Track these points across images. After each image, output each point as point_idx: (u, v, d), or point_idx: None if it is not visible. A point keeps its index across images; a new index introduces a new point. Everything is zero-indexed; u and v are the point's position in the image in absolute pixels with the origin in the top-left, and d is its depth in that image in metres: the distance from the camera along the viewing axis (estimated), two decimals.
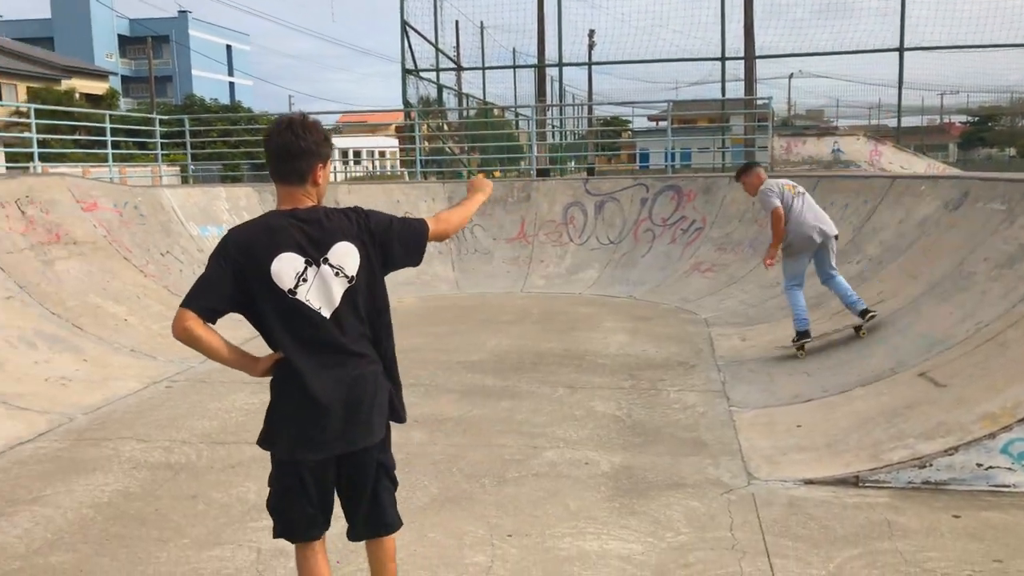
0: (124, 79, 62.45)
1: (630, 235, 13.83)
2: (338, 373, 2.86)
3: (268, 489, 3.02)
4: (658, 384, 7.35)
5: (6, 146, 22.40)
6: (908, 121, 31.24)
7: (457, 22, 24.50)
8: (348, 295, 2.87)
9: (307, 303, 2.82)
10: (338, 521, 3.07)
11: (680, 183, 14.26)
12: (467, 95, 23.91)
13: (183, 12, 66.17)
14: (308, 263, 2.82)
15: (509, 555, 4.16)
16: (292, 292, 2.81)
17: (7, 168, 17.58)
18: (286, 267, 2.80)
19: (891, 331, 7.13)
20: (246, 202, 13.78)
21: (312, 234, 2.84)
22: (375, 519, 3.06)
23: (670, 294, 11.97)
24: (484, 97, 23.96)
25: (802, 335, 7.67)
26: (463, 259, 14.20)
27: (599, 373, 7.78)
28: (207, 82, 64.29)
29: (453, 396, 7.10)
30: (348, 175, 31.86)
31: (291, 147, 2.84)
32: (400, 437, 6.00)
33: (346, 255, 2.87)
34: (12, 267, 8.66)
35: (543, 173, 18.09)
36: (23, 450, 5.93)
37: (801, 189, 8.00)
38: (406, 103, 19.37)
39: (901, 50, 18.57)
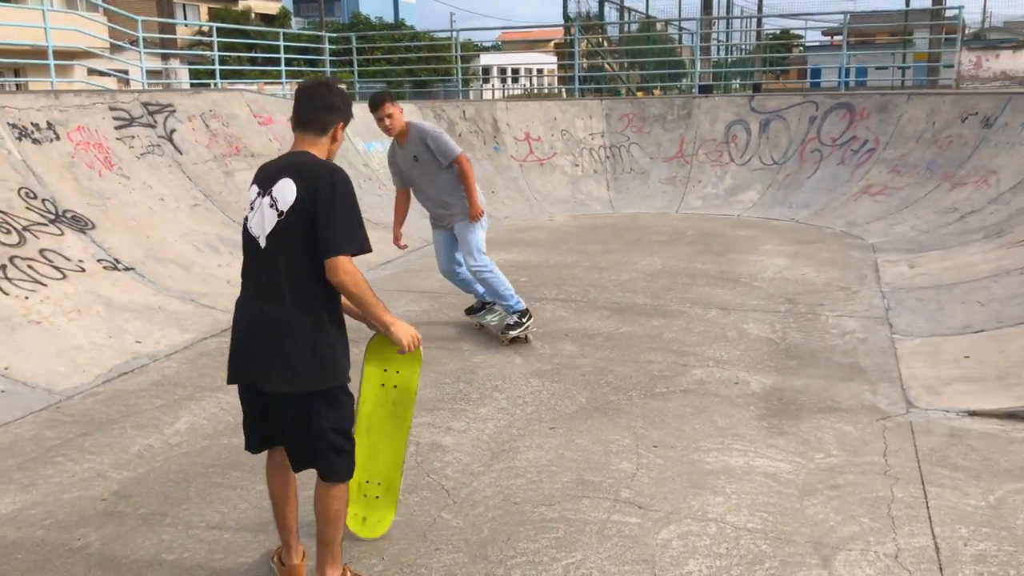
0: None
1: (796, 155, 13.24)
2: (259, 306, 2.92)
3: None
4: (816, 309, 7.13)
5: (190, 64, 23.85)
6: None
7: None
8: (280, 230, 2.86)
9: (251, 230, 2.95)
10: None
11: (853, 101, 13.44)
12: (629, 9, 23.22)
13: None
14: (259, 194, 2.95)
15: (654, 464, 4.24)
16: (246, 220, 2.99)
17: (191, 85, 18.76)
18: (249, 196, 3.02)
19: None
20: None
21: (275, 168, 2.97)
22: (306, 463, 3.05)
23: (836, 218, 11.46)
24: (647, 11, 23.22)
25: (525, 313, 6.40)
26: (618, 178, 14.07)
27: (754, 296, 7.63)
28: (373, 1, 65.51)
29: (604, 313, 7.18)
30: (506, 93, 31.93)
31: (321, 100, 3.03)
32: (551, 349, 6.19)
33: (284, 189, 2.86)
34: (198, 177, 9.35)
35: (705, 90, 17.49)
36: (208, 344, 6.51)
37: None
38: (566, 18, 19.07)
39: None
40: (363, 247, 2.89)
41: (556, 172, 14.23)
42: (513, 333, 6.26)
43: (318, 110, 3.03)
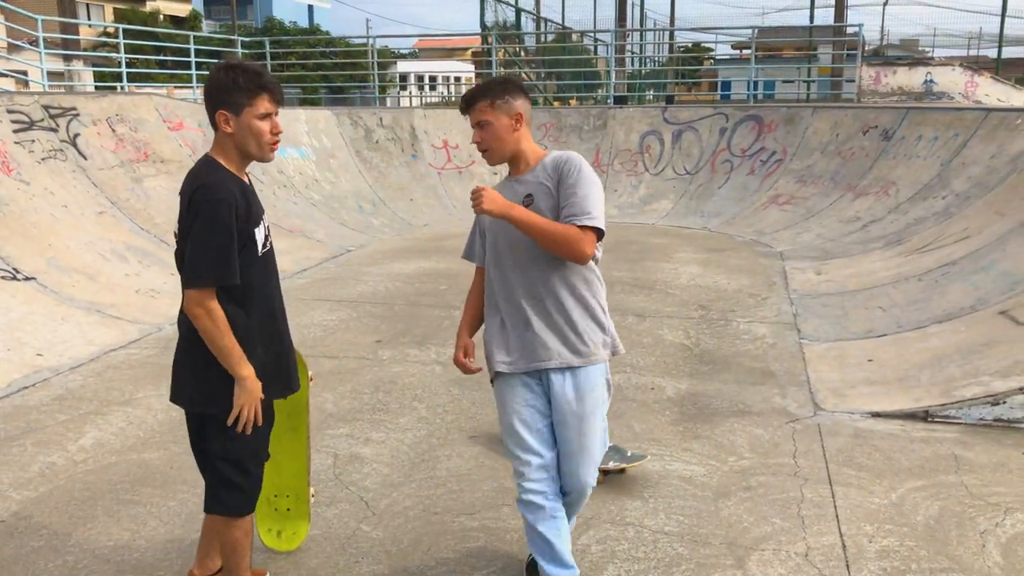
0: (206, 1, 63.04)
1: (707, 166, 13.59)
2: (180, 318, 2.80)
3: None
4: (728, 315, 7.32)
5: (94, 66, 23.03)
6: (1010, 52, 29.43)
7: None
8: (178, 251, 2.74)
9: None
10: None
11: (761, 113, 13.88)
12: (545, 19, 23.47)
13: None
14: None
15: None
16: None
17: (96, 87, 18.11)
18: None
19: (973, 268, 6.93)
20: (324, 124, 13.96)
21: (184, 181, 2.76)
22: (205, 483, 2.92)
23: (745, 226, 11.79)
24: (563, 22, 23.52)
25: None
26: None
27: (669, 303, 7.78)
28: (286, 5, 64.40)
29: None
30: (424, 100, 31.86)
31: (207, 87, 2.72)
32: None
33: (180, 210, 2.72)
34: (104, 183, 9.03)
35: (620, 101, 17.80)
36: (116, 356, 6.28)
37: None
38: (483, 27, 19.15)
39: None
40: (214, 280, 2.60)
41: (475, 180, 14.25)
42: None
43: (205, 98, 2.72)
